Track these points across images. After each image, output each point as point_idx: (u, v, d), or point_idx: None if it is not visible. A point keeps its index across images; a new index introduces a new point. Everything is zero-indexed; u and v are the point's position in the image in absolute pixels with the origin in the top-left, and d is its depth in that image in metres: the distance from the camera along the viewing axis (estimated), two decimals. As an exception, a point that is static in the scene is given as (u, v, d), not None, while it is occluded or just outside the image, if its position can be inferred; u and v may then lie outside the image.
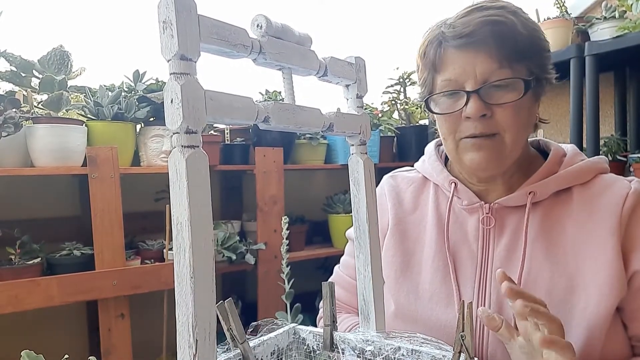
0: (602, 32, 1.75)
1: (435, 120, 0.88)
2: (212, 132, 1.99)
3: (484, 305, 0.81)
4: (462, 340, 0.52)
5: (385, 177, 1.01)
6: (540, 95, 0.83)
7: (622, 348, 0.77)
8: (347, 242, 1.05)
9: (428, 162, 0.95)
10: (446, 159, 0.96)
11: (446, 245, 0.85)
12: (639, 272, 0.75)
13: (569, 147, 0.88)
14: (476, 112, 0.76)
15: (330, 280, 1.04)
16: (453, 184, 0.87)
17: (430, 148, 0.98)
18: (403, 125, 2.45)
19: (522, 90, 0.76)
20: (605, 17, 1.75)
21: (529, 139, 0.88)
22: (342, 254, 1.07)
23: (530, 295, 0.65)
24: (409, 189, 0.96)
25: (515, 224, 0.82)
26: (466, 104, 0.77)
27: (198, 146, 0.44)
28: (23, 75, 1.53)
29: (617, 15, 1.72)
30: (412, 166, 1.00)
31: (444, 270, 0.85)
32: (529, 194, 0.81)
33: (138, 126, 1.77)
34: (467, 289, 0.83)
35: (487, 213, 0.84)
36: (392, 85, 2.44)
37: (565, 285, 0.76)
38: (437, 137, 0.98)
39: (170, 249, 1.75)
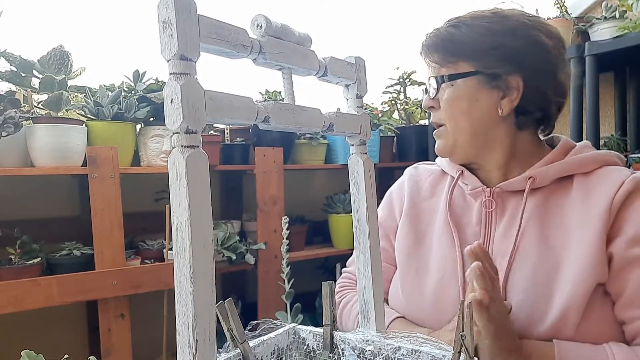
0: (602, 32, 1.75)
1: None
2: (212, 132, 1.98)
3: None
4: (462, 340, 0.52)
5: (408, 168, 1.10)
6: (498, 89, 0.86)
7: (600, 329, 0.78)
8: None
9: None
10: None
11: (450, 224, 0.92)
12: (616, 254, 0.77)
13: (581, 142, 0.92)
14: (424, 106, 0.94)
15: (344, 270, 1.08)
16: (460, 171, 0.95)
17: None
18: (403, 125, 2.45)
19: (458, 86, 0.86)
20: (605, 17, 1.75)
21: (545, 137, 0.95)
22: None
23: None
24: (428, 179, 1.04)
25: (514, 207, 0.88)
26: None
27: (198, 146, 0.44)
28: (23, 75, 1.53)
29: (617, 15, 1.72)
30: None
31: (451, 249, 0.91)
32: (529, 179, 0.85)
33: (138, 126, 1.76)
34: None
35: (488, 197, 0.90)
36: (392, 85, 2.44)
37: (551, 263, 0.80)
38: None
39: (170, 249, 1.75)
